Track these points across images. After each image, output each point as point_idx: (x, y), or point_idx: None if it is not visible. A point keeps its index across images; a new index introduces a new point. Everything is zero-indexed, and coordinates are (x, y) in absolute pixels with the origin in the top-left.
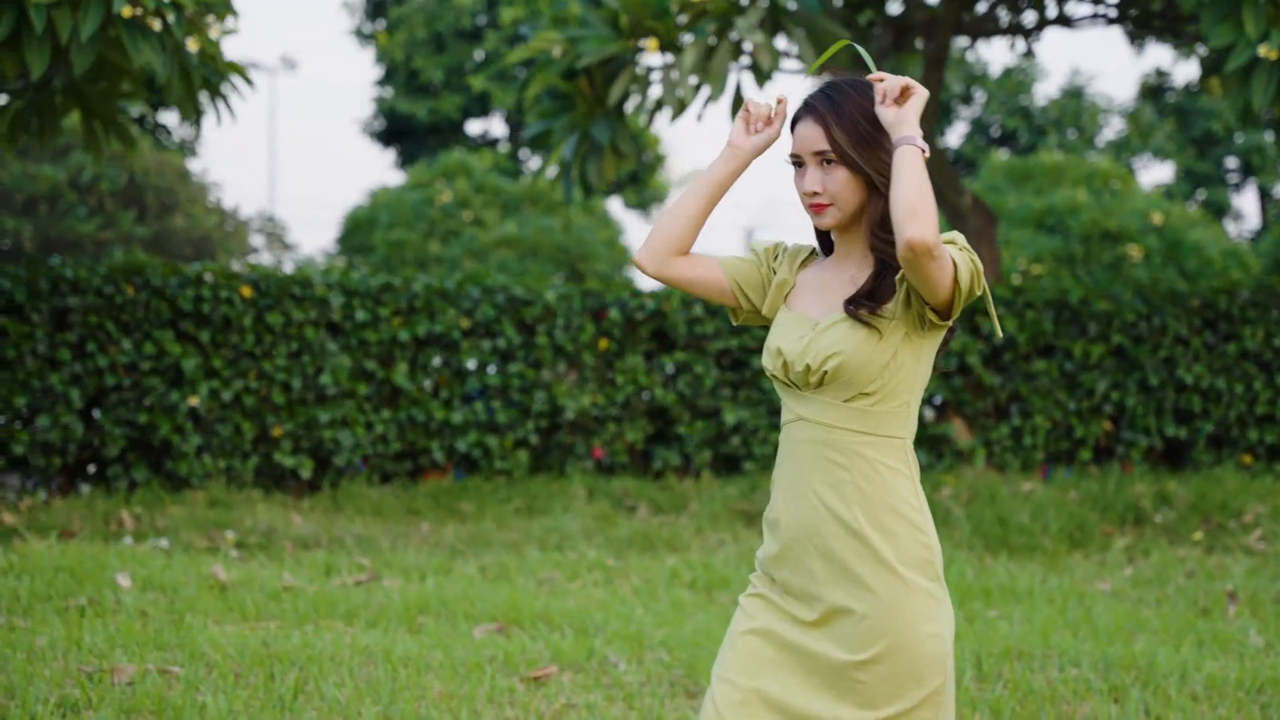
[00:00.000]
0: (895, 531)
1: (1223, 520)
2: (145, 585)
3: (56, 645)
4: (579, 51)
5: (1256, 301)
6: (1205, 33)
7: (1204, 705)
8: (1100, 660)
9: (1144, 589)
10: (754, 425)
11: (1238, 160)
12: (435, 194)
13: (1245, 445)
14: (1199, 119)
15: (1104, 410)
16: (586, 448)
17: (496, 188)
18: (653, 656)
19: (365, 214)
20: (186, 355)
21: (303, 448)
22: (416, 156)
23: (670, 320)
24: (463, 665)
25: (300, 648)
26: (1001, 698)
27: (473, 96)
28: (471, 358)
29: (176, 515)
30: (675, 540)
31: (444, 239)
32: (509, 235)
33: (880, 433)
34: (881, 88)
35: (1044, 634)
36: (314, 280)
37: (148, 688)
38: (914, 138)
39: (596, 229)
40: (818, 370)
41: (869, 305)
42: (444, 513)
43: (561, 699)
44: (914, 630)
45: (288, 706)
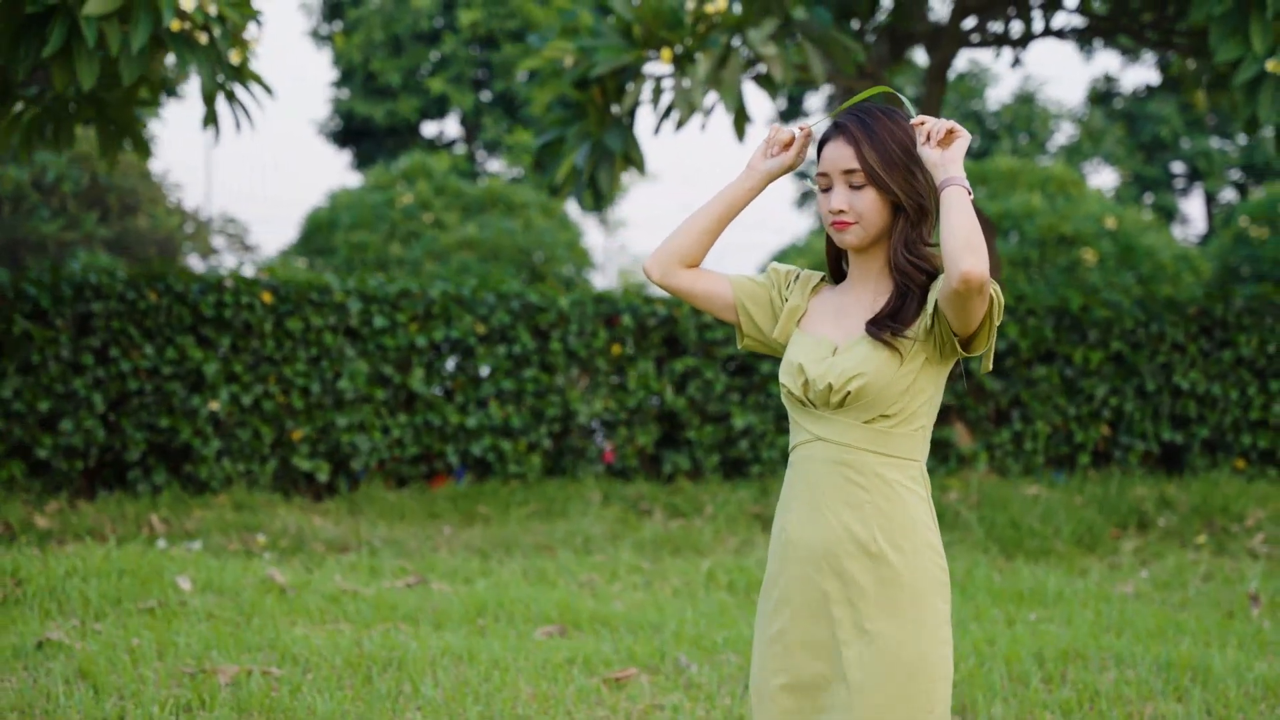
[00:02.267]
0: (914, 553)
1: (1225, 524)
2: (205, 588)
3: (149, 647)
4: (593, 61)
5: (1251, 309)
6: (1214, 47)
7: (1262, 705)
8: (1155, 661)
9: (1166, 592)
10: (762, 430)
11: (1185, 165)
12: (396, 196)
13: (1239, 450)
14: (1147, 124)
15: (1103, 415)
16: (598, 452)
17: (457, 190)
18: (721, 658)
19: (326, 215)
20: (208, 360)
21: (320, 452)
22: (373, 158)
23: (681, 326)
24: (544, 666)
25: (387, 649)
26: (1070, 699)
27: (430, 99)
28: (487, 363)
29: (206, 519)
30: (698, 543)
31: (405, 241)
32: (470, 237)
33: (899, 454)
34: (925, 129)
35: (1094, 636)
36: (333, 287)
37: (252, 688)
38: (961, 178)
39: (557, 231)
40: (840, 390)
41: (892, 326)
42: (462, 516)
43: (645, 700)
44: (927, 654)
45: (390, 707)
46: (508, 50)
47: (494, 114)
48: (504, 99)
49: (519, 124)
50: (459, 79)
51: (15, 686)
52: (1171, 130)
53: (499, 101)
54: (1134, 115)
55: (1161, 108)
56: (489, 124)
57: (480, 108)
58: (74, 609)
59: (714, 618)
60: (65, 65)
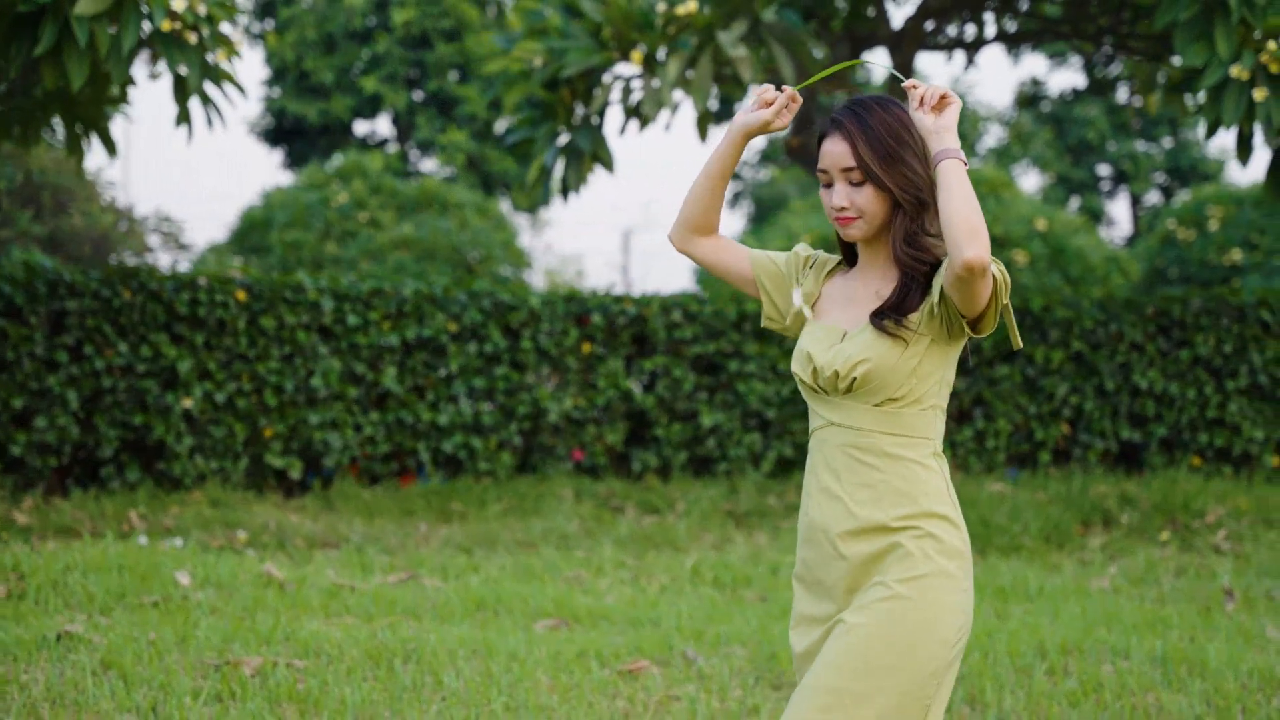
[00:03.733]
0: (934, 525)
1: (1186, 520)
2: (203, 583)
3: (169, 640)
4: (563, 62)
5: (1208, 310)
6: (1179, 52)
7: (1259, 696)
8: (1150, 654)
9: (1140, 587)
10: (729, 428)
11: (1111, 168)
12: (331, 195)
13: (1195, 448)
14: (1075, 127)
15: (1063, 414)
16: (568, 449)
17: (392, 189)
18: (726, 650)
19: (260, 214)
20: (181, 357)
21: (292, 449)
22: (305, 157)
23: (650, 325)
24: (557, 659)
25: (404, 641)
26: (1075, 690)
27: (363, 98)
28: (458, 361)
29: (184, 516)
30: (675, 540)
31: (340, 240)
32: (406, 236)
33: (911, 434)
34: (918, 94)
35: (1088, 630)
36: (306, 285)
37: (278, 680)
38: (956, 150)
39: (493, 231)
40: (846, 376)
41: (895, 317)
42: (437, 513)
43: (659, 691)
44: (936, 616)
45: (416, 698)
46: (441, 50)
47: (427, 113)
48: (437, 98)
49: (452, 123)
50: (392, 78)
51: (43, 678)
52: (1098, 133)
53: (432, 101)
54: (1061, 118)
55: (1088, 111)
56: (422, 123)
57: (413, 107)
58: (79, 603)
59: (708, 612)
60: (56, 65)
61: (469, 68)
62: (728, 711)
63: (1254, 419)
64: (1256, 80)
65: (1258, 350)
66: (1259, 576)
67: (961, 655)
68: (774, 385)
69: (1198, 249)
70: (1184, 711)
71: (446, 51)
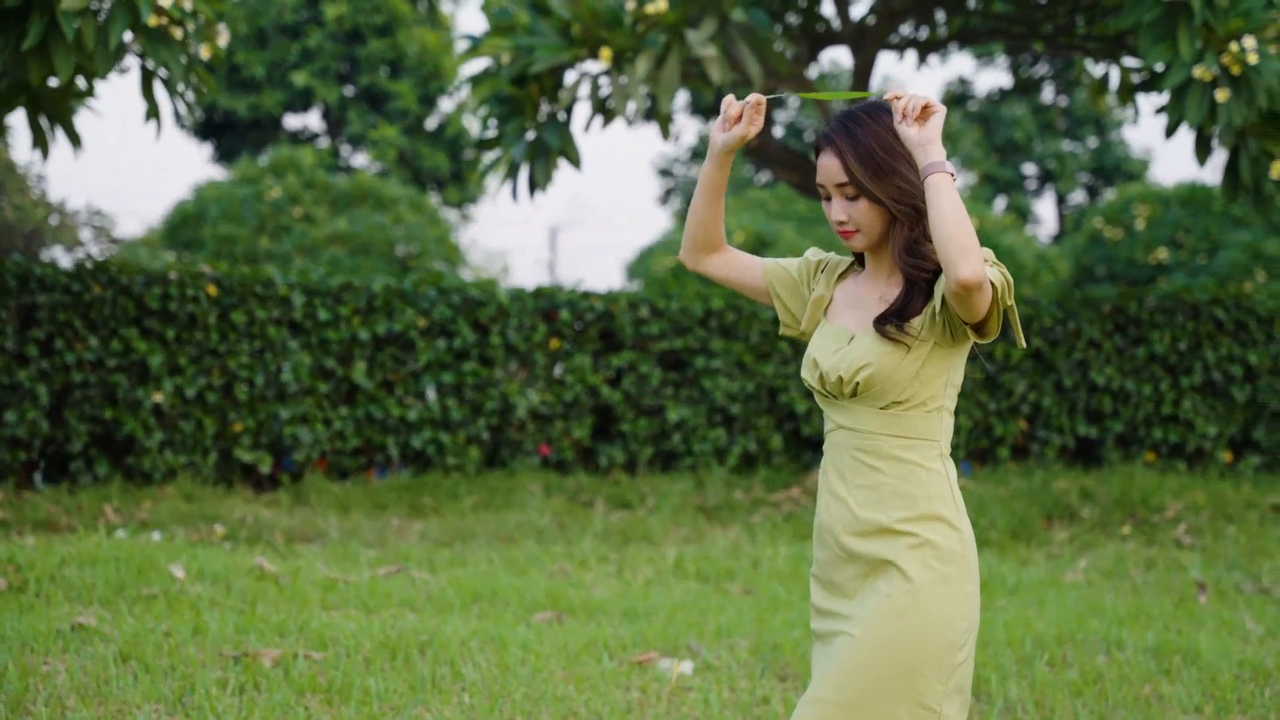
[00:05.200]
0: (931, 529)
1: (1146, 515)
2: (198, 576)
3: (183, 632)
4: (531, 59)
5: (1164, 308)
6: (1142, 53)
7: (1251, 686)
8: (1142, 646)
9: (1113, 580)
10: (694, 424)
11: (1037, 167)
12: (264, 189)
13: (1150, 444)
14: (1001, 127)
15: (1021, 410)
16: (535, 445)
17: (326, 184)
18: (728, 642)
19: (192, 208)
20: (151, 352)
21: (261, 444)
22: (235, 151)
23: (618, 321)
24: (566, 650)
25: (416, 633)
26: (1077, 680)
27: (295, 92)
28: (427, 356)
29: (160, 510)
30: (650, 534)
31: (274, 235)
32: (340, 231)
33: (916, 436)
34: (901, 105)
35: (1079, 621)
36: (276, 280)
37: (300, 671)
38: (943, 162)
39: (427, 226)
40: (850, 382)
41: (896, 323)
42: (409, 508)
43: (670, 681)
44: (936, 618)
45: (437, 688)
46: (373, 45)
47: (359, 108)
48: (369, 93)
49: (384, 119)
50: (324, 73)
51: (65, 669)
52: (1025, 133)
53: (363, 96)
54: (989, 118)
55: (1015, 110)
56: (354, 118)
57: (345, 102)
58: (79, 595)
59: (700, 605)
60: (42, 59)
61: (401, 63)
62: (739, 702)
63: (1207, 415)
64: (1219, 81)
65: (1211, 348)
66: (1227, 569)
67: (971, 655)
68: (739, 381)
69: (1125, 247)
70: (1184, 702)
71: (378, 46)
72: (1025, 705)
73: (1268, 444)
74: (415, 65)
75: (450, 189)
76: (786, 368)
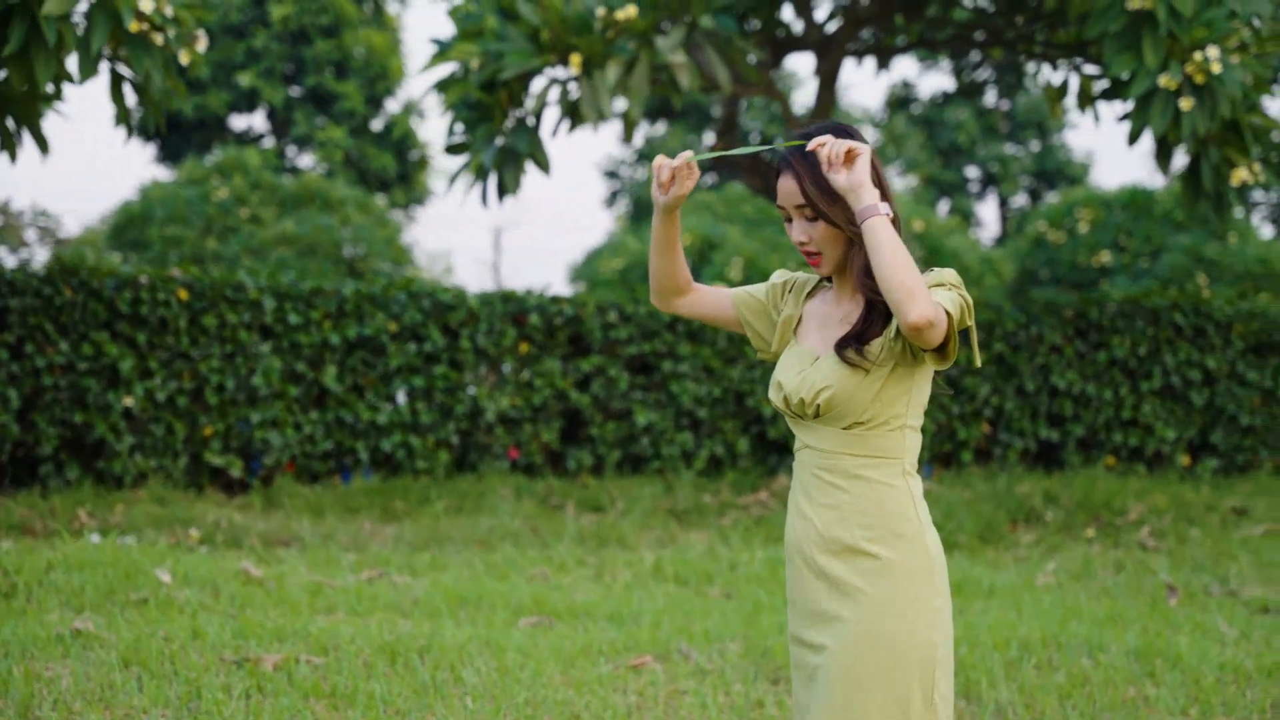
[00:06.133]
0: (894, 545)
1: (1109, 518)
2: (185, 581)
3: (183, 637)
4: (501, 66)
5: (1124, 313)
6: (1108, 61)
7: (1232, 688)
8: (1124, 648)
9: (1083, 583)
10: (662, 427)
11: (980, 170)
12: (211, 190)
13: (1110, 447)
14: (945, 130)
15: (984, 414)
16: (504, 448)
17: (273, 185)
18: (719, 646)
19: (138, 209)
20: (123, 356)
21: (232, 447)
22: (180, 152)
23: (586, 326)
24: (562, 654)
25: (415, 638)
26: (1064, 683)
27: (240, 93)
28: (398, 360)
29: (134, 514)
30: (623, 537)
31: (221, 236)
32: (287, 233)
33: (879, 454)
34: (824, 154)
35: (1060, 624)
36: (248, 284)
37: (303, 675)
38: (876, 205)
39: (375, 228)
40: (811, 404)
41: (855, 346)
42: (381, 512)
43: (665, 685)
44: (908, 637)
45: (439, 693)
46: (319, 45)
47: (304, 109)
48: (315, 94)
49: (330, 120)
50: (269, 73)
51: (68, 674)
52: (968, 136)
53: (310, 97)
54: (932, 121)
55: (959, 114)
56: (300, 119)
57: (291, 102)
58: (69, 600)
59: (684, 609)
60: (23, 64)
61: (347, 64)
62: (733, 705)
63: (1166, 419)
64: (1183, 90)
65: (1170, 353)
66: (1194, 572)
67: (950, 668)
68: (706, 385)
69: (1068, 250)
70: (1169, 705)
71: (325, 47)
72: (1015, 708)
73: (1225, 447)
74: (362, 66)
75: (397, 190)
76: (753, 372)
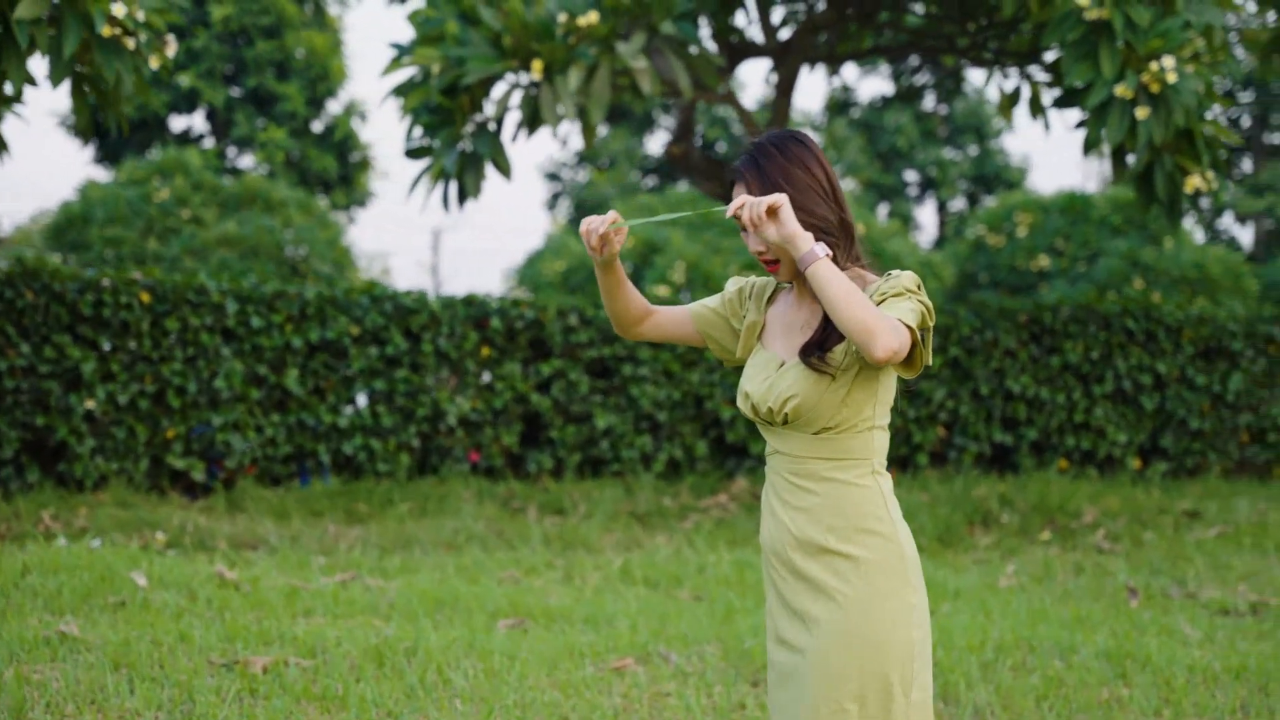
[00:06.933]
0: (866, 545)
1: (1064, 521)
2: (160, 584)
3: (171, 640)
4: (463, 71)
5: (1077, 318)
6: (1065, 70)
7: (1201, 690)
8: (1095, 650)
9: (1046, 585)
10: (622, 430)
11: (918, 174)
12: (152, 191)
13: (1063, 451)
14: (884, 135)
15: (939, 418)
16: (464, 451)
17: (214, 186)
18: (697, 649)
19: (78, 209)
20: (85, 359)
21: (193, 450)
22: (118, 152)
23: (547, 330)
24: (545, 656)
25: (399, 641)
26: (1040, 685)
27: (180, 93)
28: (360, 363)
29: (99, 517)
30: (588, 540)
31: (162, 237)
32: (229, 234)
33: (848, 457)
34: (747, 218)
35: (1030, 625)
36: (210, 287)
37: (292, 678)
38: (813, 251)
39: (317, 229)
40: (779, 412)
41: (818, 355)
42: (344, 514)
43: (648, 687)
44: (884, 634)
45: (429, 695)
46: (260, 46)
47: (245, 110)
48: (255, 95)
49: (271, 121)
50: (210, 74)
51: (59, 677)
52: (907, 140)
53: (251, 98)
54: (872, 125)
55: (898, 118)
56: (241, 120)
57: (231, 103)
58: (48, 604)
59: (655, 611)
60: None
61: (288, 65)
62: (716, 707)
63: (1118, 423)
64: (1139, 99)
65: (1122, 357)
66: (1153, 575)
67: (927, 658)
68: (665, 389)
69: (1006, 254)
70: (1143, 706)
71: (266, 48)
72: (994, 709)
73: (1175, 451)
74: (303, 68)
75: (338, 192)
76: (712, 375)
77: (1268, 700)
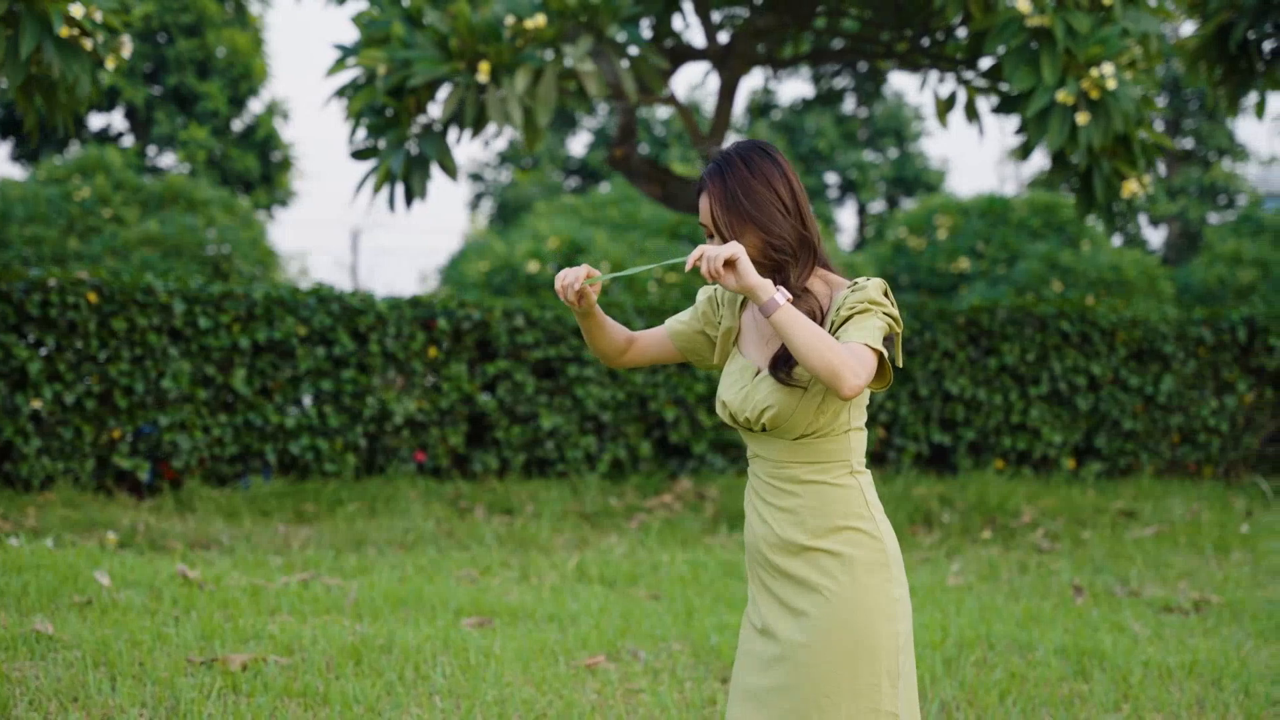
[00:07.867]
0: (849, 542)
1: (1004, 520)
2: (123, 583)
3: (142, 640)
4: (410, 72)
5: (1014, 320)
6: (1007, 77)
7: (1157, 686)
8: (1051, 647)
9: (993, 584)
10: (567, 431)
11: (839, 177)
12: (72, 189)
13: (1000, 451)
14: (805, 137)
15: (879, 418)
16: (410, 451)
17: (136, 185)
18: (664, 646)
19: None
20: (31, 359)
21: (140, 450)
22: (35, 150)
23: (493, 330)
24: (520, 654)
25: (375, 639)
26: (1003, 680)
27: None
28: (307, 364)
29: (48, 517)
30: (538, 540)
31: (83, 236)
32: (151, 233)
33: (827, 460)
34: (705, 270)
35: (984, 623)
36: (157, 288)
37: (270, 676)
38: (774, 299)
39: (240, 229)
40: (757, 423)
41: (786, 370)
42: (292, 514)
43: (620, 684)
44: (868, 629)
45: (408, 692)
46: (181, 45)
47: (166, 109)
48: (176, 94)
49: (193, 120)
50: (130, 72)
51: (39, 675)
52: (828, 143)
53: (171, 96)
54: (793, 128)
55: (819, 121)
56: (162, 119)
57: (152, 102)
58: (14, 603)
59: (617, 609)
60: None
61: (209, 63)
62: (688, 702)
63: (1053, 424)
64: (1079, 106)
65: (1058, 359)
66: (1096, 573)
67: (910, 649)
68: (610, 390)
69: (927, 257)
70: (1104, 701)
71: (187, 47)
72: (959, 704)
73: (1108, 451)
74: (224, 66)
75: (260, 191)
76: (655, 376)
77: (1221, 695)
